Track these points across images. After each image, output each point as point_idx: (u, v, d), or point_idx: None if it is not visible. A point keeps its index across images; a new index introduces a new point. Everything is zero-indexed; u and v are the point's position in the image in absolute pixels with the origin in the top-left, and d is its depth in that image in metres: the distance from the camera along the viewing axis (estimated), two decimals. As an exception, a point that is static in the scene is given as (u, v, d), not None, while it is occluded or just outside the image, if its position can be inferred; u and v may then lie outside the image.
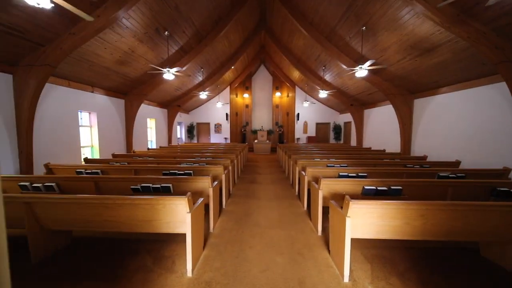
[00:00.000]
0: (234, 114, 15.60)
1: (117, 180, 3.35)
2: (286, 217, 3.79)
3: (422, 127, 7.11)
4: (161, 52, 6.63)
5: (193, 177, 3.28)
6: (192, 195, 3.37)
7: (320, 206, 3.13)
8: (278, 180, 6.58)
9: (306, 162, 5.02)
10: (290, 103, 15.45)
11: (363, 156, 6.20)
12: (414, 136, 7.48)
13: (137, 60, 6.41)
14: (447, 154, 6.00)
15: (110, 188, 3.43)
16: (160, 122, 10.96)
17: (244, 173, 7.63)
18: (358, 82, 8.78)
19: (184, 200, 2.19)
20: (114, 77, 6.64)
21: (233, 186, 5.72)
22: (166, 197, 2.25)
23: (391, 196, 3.13)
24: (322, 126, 14.80)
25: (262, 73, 16.12)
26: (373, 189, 3.12)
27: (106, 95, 7.15)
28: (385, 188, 3.12)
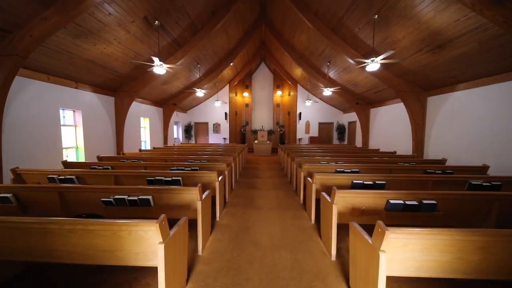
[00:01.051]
0: (233, 114, 15.00)
1: (85, 190, 2.74)
2: (290, 233, 3.18)
3: (436, 127, 6.49)
4: (151, 44, 6.03)
5: (178, 188, 2.68)
6: (177, 209, 2.77)
7: (334, 224, 2.52)
8: (280, 185, 5.98)
9: (312, 166, 4.42)
10: (291, 102, 14.85)
11: (375, 160, 5.58)
12: (428, 137, 6.86)
13: (125, 53, 5.81)
14: (468, 158, 5.38)
15: (80, 200, 2.82)
16: (154, 121, 10.36)
17: (243, 177, 7.04)
18: (366, 79, 8.17)
19: (155, 226, 1.58)
20: (101, 72, 6.04)
21: (230, 192, 5.11)
22: (131, 223, 1.65)
23: (423, 212, 2.52)
24: (325, 126, 14.19)
25: (262, 71, 15.52)
26: (400, 203, 2.51)
27: (93, 92, 6.54)
28: (415, 202, 2.51)
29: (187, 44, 6.97)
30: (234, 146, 9.88)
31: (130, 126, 8.21)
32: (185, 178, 3.66)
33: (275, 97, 15.48)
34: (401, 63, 6.08)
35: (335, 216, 2.51)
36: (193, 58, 8.16)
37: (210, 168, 4.48)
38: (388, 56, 4.81)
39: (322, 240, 2.95)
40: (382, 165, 4.75)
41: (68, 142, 6.06)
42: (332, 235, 2.51)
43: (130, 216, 2.68)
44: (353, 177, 3.56)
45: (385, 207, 2.56)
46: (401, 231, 1.53)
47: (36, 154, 4.89)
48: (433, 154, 6.58)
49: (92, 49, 5.06)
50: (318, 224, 3.40)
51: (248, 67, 13.46)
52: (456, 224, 2.45)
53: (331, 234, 2.52)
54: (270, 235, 3.14)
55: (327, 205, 2.70)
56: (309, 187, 3.74)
